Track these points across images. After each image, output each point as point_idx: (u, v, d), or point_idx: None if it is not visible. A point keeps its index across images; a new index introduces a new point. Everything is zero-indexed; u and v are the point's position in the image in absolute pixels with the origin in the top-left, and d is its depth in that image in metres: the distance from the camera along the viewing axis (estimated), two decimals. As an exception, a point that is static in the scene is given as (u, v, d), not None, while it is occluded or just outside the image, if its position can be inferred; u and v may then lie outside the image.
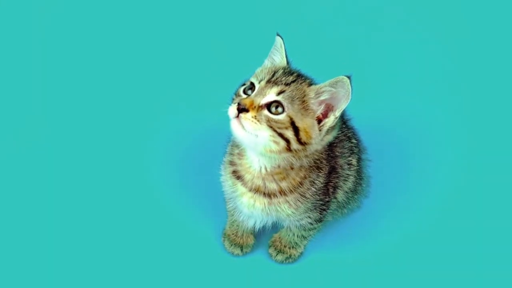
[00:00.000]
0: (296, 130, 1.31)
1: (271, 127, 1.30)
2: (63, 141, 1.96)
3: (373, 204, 1.80)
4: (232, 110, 1.31)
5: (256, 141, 1.32)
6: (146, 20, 2.29)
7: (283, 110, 1.31)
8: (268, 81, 1.34)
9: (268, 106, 1.31)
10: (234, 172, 1.49)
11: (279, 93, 1.31)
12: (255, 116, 1.30)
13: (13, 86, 2.08)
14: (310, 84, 1.36)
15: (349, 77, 1.28)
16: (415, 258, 1.73)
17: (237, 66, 1.49)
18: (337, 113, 1.33)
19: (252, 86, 1.36)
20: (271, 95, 1.31)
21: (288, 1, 2.33)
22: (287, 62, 1.42)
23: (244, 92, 1.36)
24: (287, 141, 1.31)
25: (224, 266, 1.71)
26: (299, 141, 1.32)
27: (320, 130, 1.34)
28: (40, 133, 1.97)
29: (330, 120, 1.33)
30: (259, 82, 1.35)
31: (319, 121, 1.34)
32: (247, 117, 1.30)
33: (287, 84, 1.33)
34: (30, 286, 1.66)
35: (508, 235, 1.78)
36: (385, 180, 1.86)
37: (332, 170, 1.51)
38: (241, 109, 1.30)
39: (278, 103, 1.31)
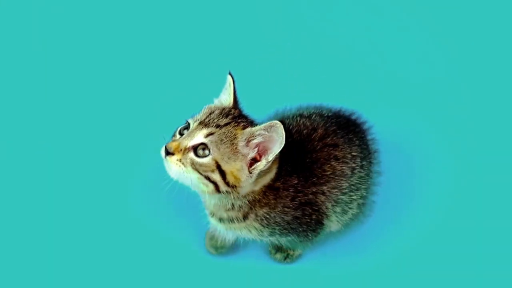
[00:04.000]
0: (222, 173, 1.32)
1: (196, 170, 1.32)
2: (53, 144, 1.97)
3: (376, 214, 1.77)
4: (162, 151, 1.36)
5: (186, 181, 1.35)
6: (134, 34, 2.24)
7: (209, 153, 1.32)
8: (201, 122, 1.35)
9: (195, 148, 1.32)
10: None
11: (207, 135, 1.33)
12: (180, 159, 1.33)
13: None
14: (245, 127, 1.35)
15: (283, 123, 1.28)
16: (416, 268, 1.71)
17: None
18: (270, 157, 1.32)
19: (188, 126, 1.38)
20: (199, 137, 1.33)
21: (286, 21, 2.26)
22: (235, 102, 1.42)
23: (180, 132, 1.39)
24: (214, 183, 1.32)
25: (224, 266, 1.72)
26: (227, 184, 1.32)
27: (250, 173, 1.33)
28: (31, 138, 1.98)
29: (262, 164, 1.33)
30: (194, 123, 1.37)
31: (256, 161, 1.34)
32: (172, 160, 1.33)
33: (218, 126, 1.34)
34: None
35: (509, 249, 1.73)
36: (389, 191, 1.81)
37: (309, 203, 1.48)
38: (167, 152, 1.33)
39: (204, 146, 1.32)
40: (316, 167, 1.48)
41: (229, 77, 1.42)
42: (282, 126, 1.28)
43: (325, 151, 1.50)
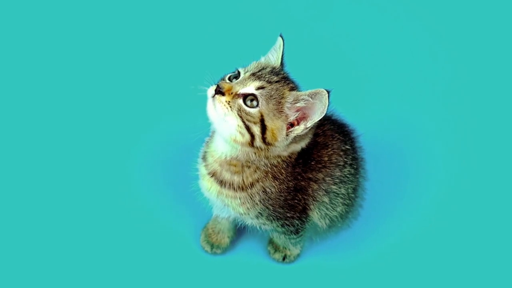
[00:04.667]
0: (263, 128, 1.35)
1: (240, 116, 1.34)
2: (48, 141, 1.96)
3: (372, 211, 1.82)
4: (210, 90, 1.37)
5: (224, 126, 1.36)
6: (132, 24, 2.25)
7: (257, 105, 1.34)
8: (253, 74, 1.38)
9: (244, 97, 1.35)
10: (204, 153, 1.54)
11: (258, 88, 1.35)
12: (229, 101, 1.34)
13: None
14: (292, 89, 1.39)
15: (328, 92, 1.31)
16: (411, 265, 1.75)
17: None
18: (309, 124, 1.35)
19: (237, 75, 1.40)
20: (250, 87, 1.35)
21: (290, 18, 2.30)
22: (281, 64, 1.45)
23: (229, 79, 1.40)
24: (252, 135, 1.35)
25: (223, 266, 1.73)
26: (263, 139, 1.36)
27: (287, 135, 1.37)
28: (23, 135, 1.97)
29: (299, 129, 1.36)
30: (245, 73, 1.39)
31: (292, 126, 1.37)
32: (220, 99, 1.35)
33: (269, 82, 1.37)
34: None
35: (504, 250, 1.78)
36: (383, 187, 1.87)
37: (300, 189, 1.51)
38: (218, 91, 1.35)
39: (254, 97, 1.35)
40: (315, 151, 1.52)
41: (279, 39, 1.45)
42: (327, 95, 1.31)
43: (323, 138, 1.55)
